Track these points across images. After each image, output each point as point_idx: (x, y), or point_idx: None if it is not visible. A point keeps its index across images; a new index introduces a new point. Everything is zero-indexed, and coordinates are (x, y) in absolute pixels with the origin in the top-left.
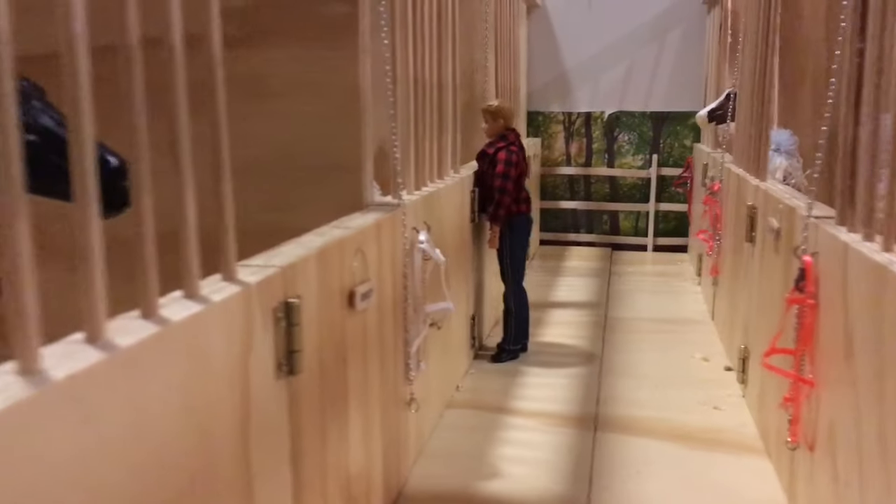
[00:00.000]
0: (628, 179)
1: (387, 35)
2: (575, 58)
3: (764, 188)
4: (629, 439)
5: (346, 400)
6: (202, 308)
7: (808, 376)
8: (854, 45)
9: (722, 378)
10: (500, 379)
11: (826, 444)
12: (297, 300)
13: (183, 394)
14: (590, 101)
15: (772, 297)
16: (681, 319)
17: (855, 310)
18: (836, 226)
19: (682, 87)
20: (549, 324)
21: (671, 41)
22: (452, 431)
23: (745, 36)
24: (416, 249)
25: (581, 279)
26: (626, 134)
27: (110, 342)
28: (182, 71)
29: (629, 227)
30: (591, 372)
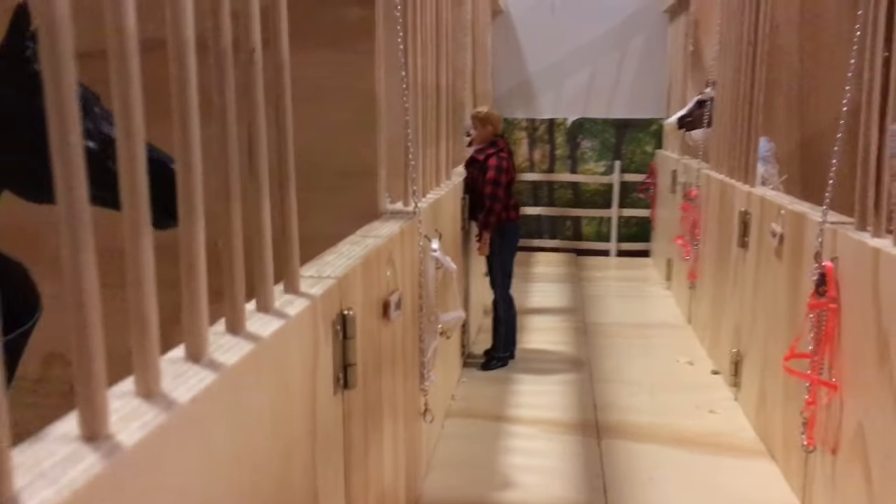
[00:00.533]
0: (591, 185)
1: (402, 40)
2: (538, 64)
3: (760, 194)
4: (634, 445)
5: (382, 413)
6: (283, 323)
7: (831, 380)
8: (881, 54)
9: (711, 382)
10: (492, 387)
11: (851, 446)
12: (351, 312)
13: (272, 411)
14: (553, 107)
15: (774, 301)
16: (657, 324)
17: (890, 315)
18: (856, 231)
19: (644, 95)
20: (531, 330)
21: (633, 49)
22: (456, 441)
23: (723, 44)
24: (429, 257)
25: (552, 285)
26: (588, 140)
27: (214, 360)
28: (259, 74)
29: (592, 232)
30: (581, 378)
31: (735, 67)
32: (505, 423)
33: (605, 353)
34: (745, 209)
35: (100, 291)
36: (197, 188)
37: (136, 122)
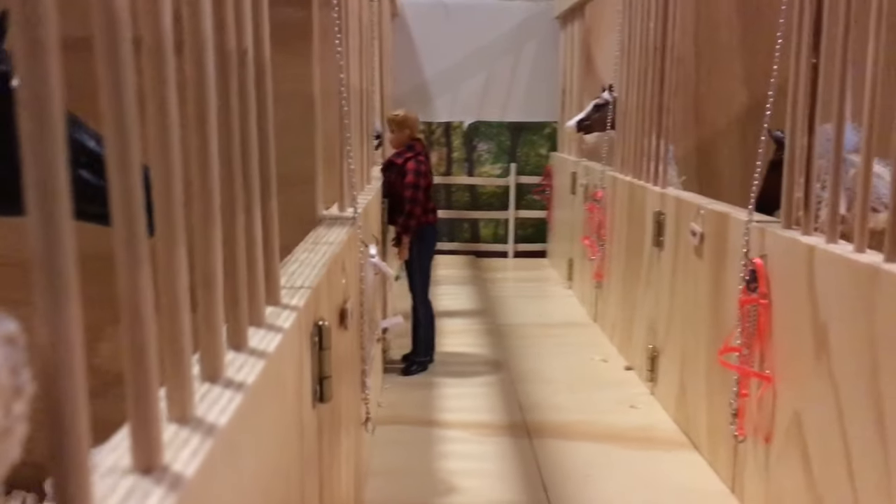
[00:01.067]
0: (488, 188)
1: (340, 41)
2: (434, 67)
3: (674, 195)
4: (565, 444)
5: (341, 424)
6: (281, 337)
7: (764, 372)
8: (808, 60)
9: (626, 378)
10: (416, 392)
11: (787, 434)
12: (326, 322)
13: (277, 426)
14: (449, 110)
15: (695, 298)
16: (564, 323)
17: (827, 309)
18: (784, 230)
19: (538, 99)
20: (446, 333)
21: (526, 54)
22: (390, 449)
23: (627, 50)
24: (368, 264)
25: (456, 287)
26: (485, 143)
27: (232, 380)
28: (251, 77)
29: (489, 234)
30: (502, 379)
31: (641, 72)
32: (435, 428)
33: (520, 354)
34: (659, 210)
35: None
36: (214, 196)
37: (130, 128)
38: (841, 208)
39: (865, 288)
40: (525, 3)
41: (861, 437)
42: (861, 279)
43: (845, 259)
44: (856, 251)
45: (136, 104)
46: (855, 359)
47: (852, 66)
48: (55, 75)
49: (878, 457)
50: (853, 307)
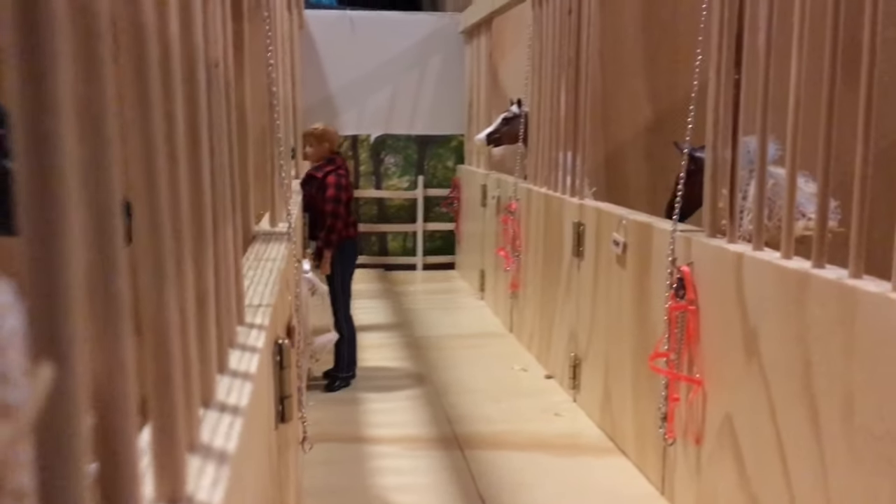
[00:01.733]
0: (396, 201)
1: (271, 54)
2: (340, 80)
3: (594, 206)
4: (496, 454)
5: (288, 446)
6: (258, 356)
7: (694, 376)
8: (731, 76)
9: (547, 386)
10: (340, 408)
11: (718, 436)
12: (286, 341)
13: (261, 449)
14: (356, 124)
15: (618, 306)
16: (481, 333)
17: (757, 313)
18: (709, 238)
19: (444, 112)
20: (364, 348)
21: (432, 68)
22: (321, 468)
23: (539, 64)
24: (302, 280)
25: (370, 301)
26: (392, 156)
27: (226, 403)
28: (222, 91)
29: (398, 247)
30: (426, 392)
31: (554, 86)
32: (365, 445)
33: (441, 365)
34: (578, 220)
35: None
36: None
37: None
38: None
39: (795, 292)
40: (430, 17)
41: (795, 435)
42: (791, 284)
43: (774, 265)
44: (783, 258)
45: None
46: (787, 360)
47: (773, 82)
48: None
49: (814, 454)
50: (784, 311)
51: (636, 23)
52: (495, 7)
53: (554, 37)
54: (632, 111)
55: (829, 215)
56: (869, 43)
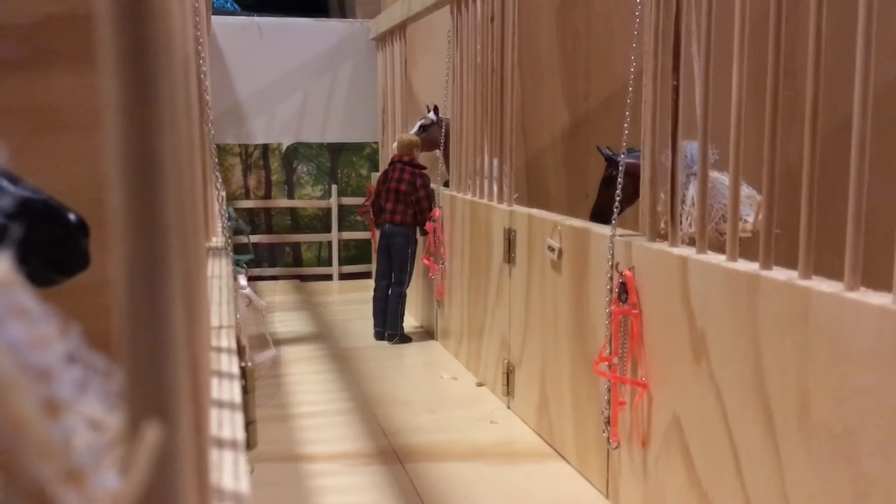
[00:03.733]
0: (309, 210)
1: (203, 60)
2: (248, 88)
3: (525, 212)
4: (437, 465)
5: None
6: (234, 382)
7: (640, 379)
8: (669, 83)
9: (479, 394)
10: (276, 426)
11: (665, 438)
12: (249, 364)
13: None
14: (266, 132)
15: (554, 313)
16: (405, 343)
17: (705, 315)
18: (650, 242)
19: (357, 119)
20: (289, 361)
21: (343, 74)
22: (262, 490)
23: (460, 70)
24: (240, 295)
25: (286, 313)
26: (304, 165)
27: (222, 439)
28: None
29: (312, 257)
30: (358, 405)
31: (477, 93)
32: (303, 463)
33: (369, 377)
34: (509, 226)
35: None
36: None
37: None
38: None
39: (745, 294)
40: (340, 24)
41: (748, 434)
42: (740, 286)
43: (722, 268)
44: (729, 260)
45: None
46: (738, 361)
47: (712, 88)
48: None
49: (769, 453)
50: (733, 312)
51: (551, 30)
52: (410, 13)
53: (474, 43)
54: (550, 117)
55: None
56: (814, 45)
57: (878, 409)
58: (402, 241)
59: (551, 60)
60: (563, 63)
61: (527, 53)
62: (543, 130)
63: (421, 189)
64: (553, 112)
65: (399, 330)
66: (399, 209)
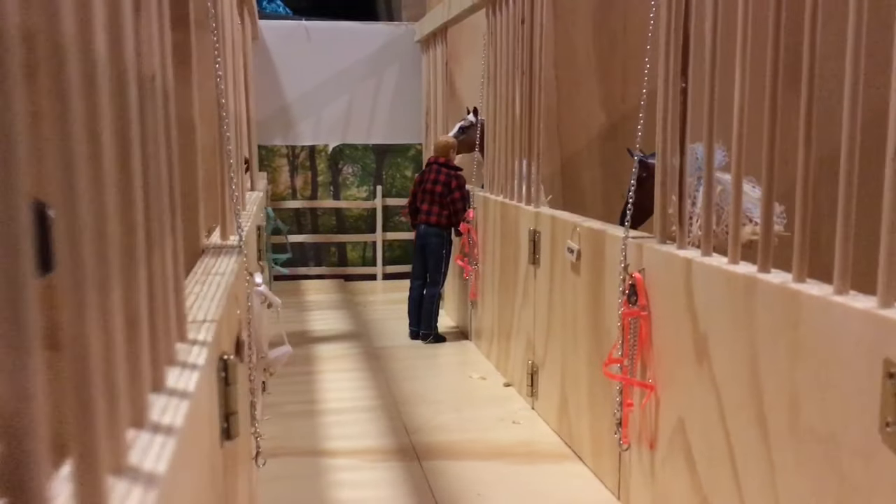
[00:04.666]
0: (354, 211)
1: (219, 65)
2: (296, 91)
3: (549, 214)
4: (454, 464)
5: (237, 462)
6: (199, 374)
7: (647, 381)
8: (678, 85)
9: (506, 394)
10: (297, 422)
11: (671, 440)
12: (231, 357)
13: (200, 468)
14: (313, 134)
15: (574, 313)
16: (439, 342)
17: (707, 318)
18: (660, 244)
19: (402, 121)
20: (323, 359)
21: (389, 77)
22: (278, 483)
23: (494, 73)
24: (254, 293)
25: (326, 312)
26: (350, 166)
27: (159, 424)
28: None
29: (357, 257)
30: (385, 403)
31: (509, 96)
32: (323, 458)
33: (400, 376)
34: (534, 228)
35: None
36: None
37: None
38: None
39: (743, 296)
40: (386, 27)
41: (744, 437)
42: (738, 289)
43: (722, 270)
44: (730, 263)
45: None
46: (735, 364)
47: (718, 90)
48: None
49: (762, 456)
50: (732, 315)
51: (588, 32)
52: (450, 16)
53: (507, 46)
54: (586, 119)
55: (775, 220)
56: (809, 47)
57: (860, 414)
58: (436, 241)
59: (588, 62)
60: (600, 65)
61: (563, 55)
62: (580, 132)
63: (456, 190)
64: (589, 114)
65: (433, 330)
66: (434, 210)
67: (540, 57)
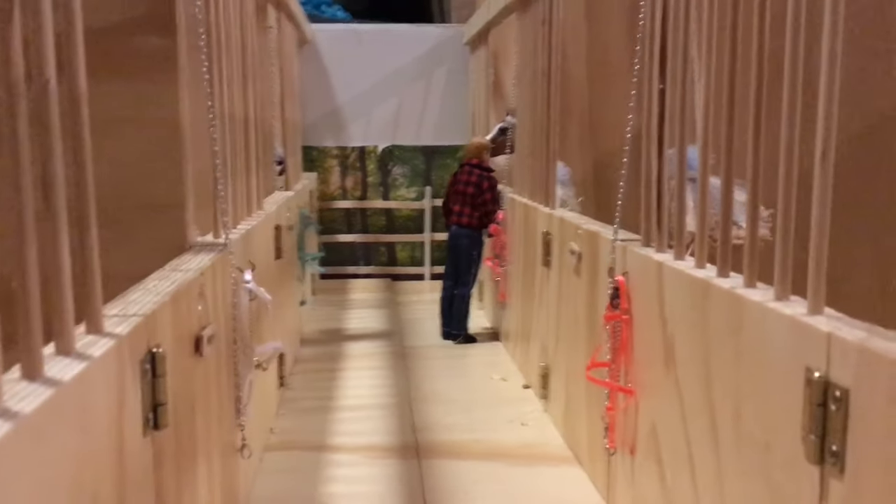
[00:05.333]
0: (403, 211)
1: (207, 69)
2: (347, 93)
3: (559, 215)
4: (451, 463)
5: (196, 453)
6: (87, 366)
7: (627, 386)
8: (657, 86)
9: (523, 396)
10: (314, 417)
11: (646, 446)
12: (160, 350)
13: (75, 461)
14: (363, 135)
15: (575, 317)
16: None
17: (674, 322)
18: (642, 247)
19: (450, 122)
20: (351, 356)
21: (437, 78)
22: (275, 476)
23: (521, 75)
24: (242, 289)
25: (367, 311)
26: (399, 167)
27: (8, 410)
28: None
29: (406, 257)
30: (400, 401)
31: (531, 97)
32: (326, 453)
33: (423, 375)
34: (546, 230)
35: None
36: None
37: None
38: (690, 225)
39: (700, 301)
40: (436, 29)
41: (700, 444)
42: (697, 293)
43: (686, 274)
44: (696, 266)
45: None
46: (694, 369)
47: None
48: None
49: (713, 463)
50: (692, 320)
51: (621, 33)
52: (490, 17)
53: (531, 47)
54: (622, 118)
55: (761, 224)
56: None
57: (788, 422)
58: (466, 242)
59: (621, 62)
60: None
61: (597, 55)
62: (614, 132)
63: (487, 192)
64: (624, 114)
65: (463, 330)
66: (466, 211)
67: (556, 58)
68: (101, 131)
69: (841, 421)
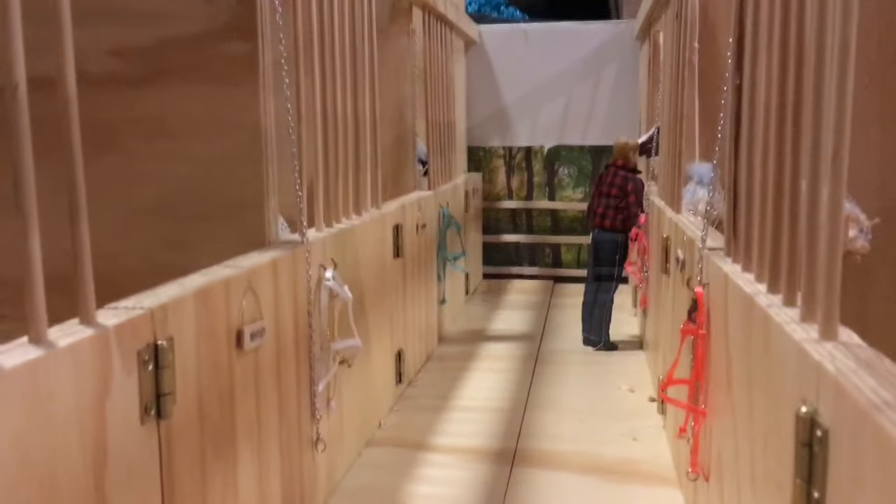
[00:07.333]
0: (569, 212)
1: (287, 72)
2: (513, 93)
3: (675, 220)
4: (545, 473)
5: (235, 442)
6: (43, 353)
7: (701, 406)
8: (733, 81)
9: (645, 408)
10: (426, 415)
11: (716, 473)
12: (166, 342)
13: (18, 443)
14: (529, 135)
15: (679, 325)
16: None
17: (733, 340)
18: (723, 257)
19: (618, 121)
20: (483, 357)
21: (607, 76)
22: (369, 470)
23: (663, 72)
24: (322, 286)
25: (519, 312)
26: (565, 167)
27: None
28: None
29: (571, 259)
30: (515, 406)
31: (668, 94)
32: (423, 452)
33: (549, 381)
34: (666, 235)
35: None
36: None
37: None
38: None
39: (747, 319)
40: (605, 26)
41: (745, 477)
42: (745, 309)
43: (738, 287)
44: (756, 280)
45: None
46: (742, 393)
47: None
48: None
49: (749, 499)
50: (744, 337)
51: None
52: (647, 11)
53: (670, 42)
54: None
55: (861, 235)
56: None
57: (791, 462)
58: (609, 246)
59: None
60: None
61: (706, 51)
62: None
63: (632, 194)
64: None
65: (604, 337)
66: (609, 214)
67: (685, 49)
68: (190, 133)
69: (821, 465)
